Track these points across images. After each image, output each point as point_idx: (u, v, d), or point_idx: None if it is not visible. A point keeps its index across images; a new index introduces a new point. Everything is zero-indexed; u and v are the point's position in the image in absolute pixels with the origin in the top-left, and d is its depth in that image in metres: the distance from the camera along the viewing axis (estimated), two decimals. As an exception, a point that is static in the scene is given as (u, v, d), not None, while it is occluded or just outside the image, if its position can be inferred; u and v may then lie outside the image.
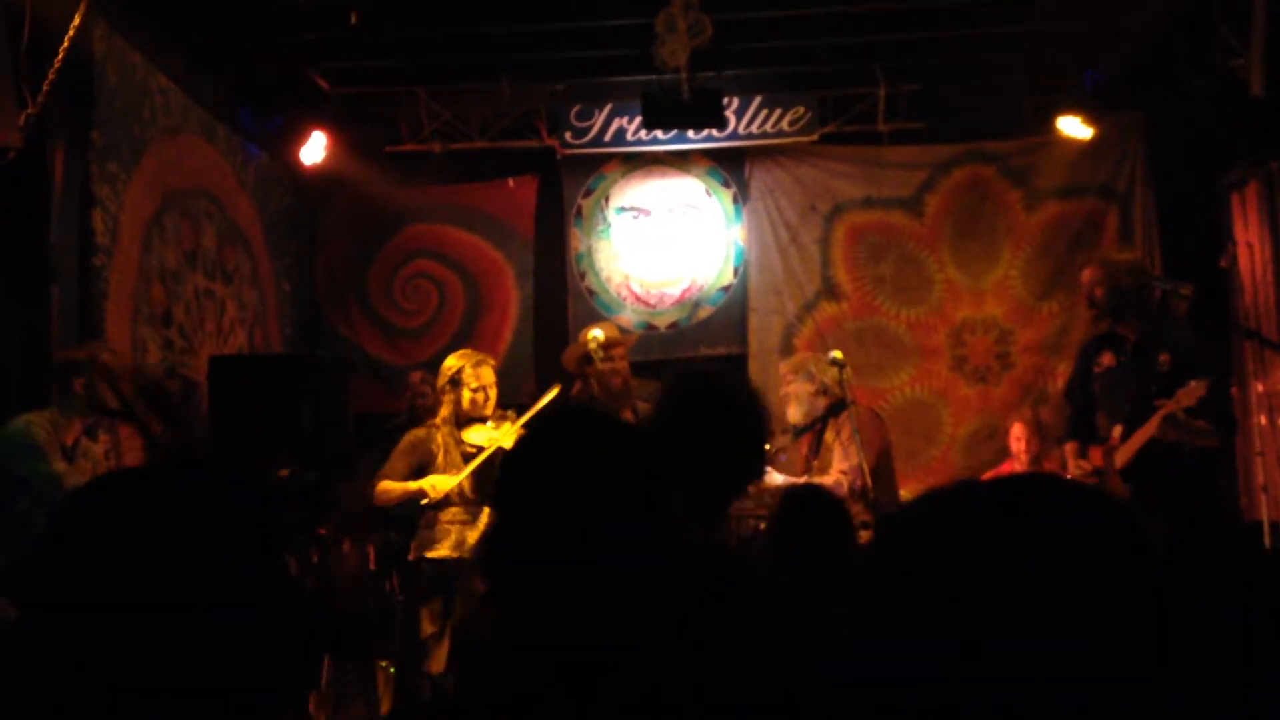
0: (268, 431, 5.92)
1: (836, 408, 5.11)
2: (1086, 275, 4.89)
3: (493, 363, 5.07)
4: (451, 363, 5.01)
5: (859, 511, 4.67)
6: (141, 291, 5.77)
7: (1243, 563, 1.50)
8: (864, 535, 4.22)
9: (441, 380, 5.02)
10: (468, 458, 4.80)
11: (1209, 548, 1.51)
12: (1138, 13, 6.40)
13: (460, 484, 4.76)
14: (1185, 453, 4.44)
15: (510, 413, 4.98)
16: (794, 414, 5.14)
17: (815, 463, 5.06)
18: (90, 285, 5.25)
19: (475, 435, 4.88)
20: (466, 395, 4.89)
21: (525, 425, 4.72)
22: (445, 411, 4.97)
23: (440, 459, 4.90)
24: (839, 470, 4.88)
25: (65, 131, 5.12)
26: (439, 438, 4.91)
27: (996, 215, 7.83)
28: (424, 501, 4.80)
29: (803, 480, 4.93)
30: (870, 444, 4.98)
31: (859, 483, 4.84)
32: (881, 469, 5.04)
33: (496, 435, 4.78)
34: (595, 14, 6.48)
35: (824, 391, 5.10)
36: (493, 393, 4.94)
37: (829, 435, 5.02)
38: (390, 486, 4.83)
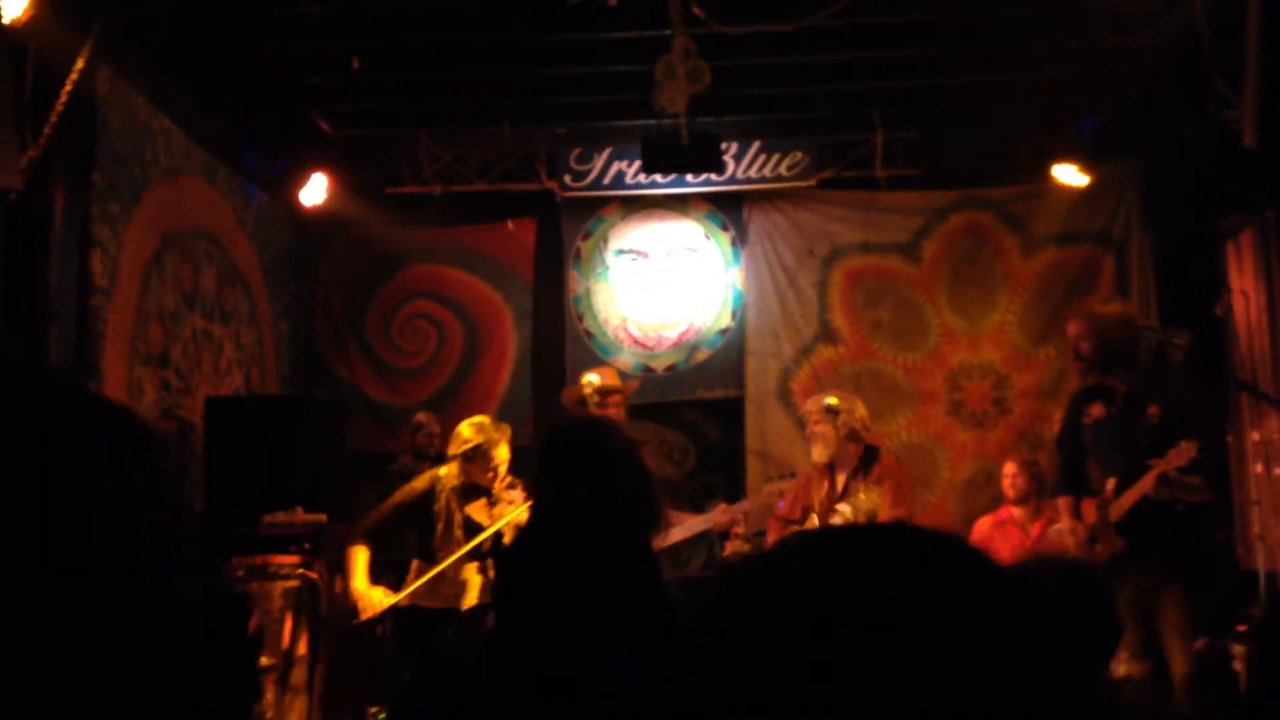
0: (264, 473, 5.91)
1: (873, 452, 5.12)
2: (1072, 329, 4.84)
3: (509, 434, 4.86)
4: (470, 434, 4.77)
5: None
6: (139, 332, 5.79)
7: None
8: None
9: (456, 447, 4.79)
10: (465, 528, 4.72)
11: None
12: (1133, 62, 6.46)
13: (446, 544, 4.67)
14: (1178, 509, 4.43)
15: (516, 488, 4.84)
16: (819, 454, 5.12)
17: (839, 505, 4.98)
18: (88, 325, 5.27)
19: (477, 511, 4.74)
20: (487, 473, 4.73)
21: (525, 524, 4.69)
22: (455, 480, 4.76)
23: (439, 528, 4.72)
24: (893, 517, 4.82)
25: (66, 173, 5.16)
26: (442, 503, 4.73)
27: (994, 261, 7.86)
28: (353, 621, 4.65)
29: (836, 521, 4.86)
30: (911, 490, 5.03)
31: None
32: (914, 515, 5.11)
33: (499, 515, 4.71)
34: (596, 60, 6.54)
35: (853, 437, 5.09)
36: (504, 469, 4.79)
37: (857, 478, 4.97)
38: (354, 564, 4.69)
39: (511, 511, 4.70)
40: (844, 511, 4.92)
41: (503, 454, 4.79)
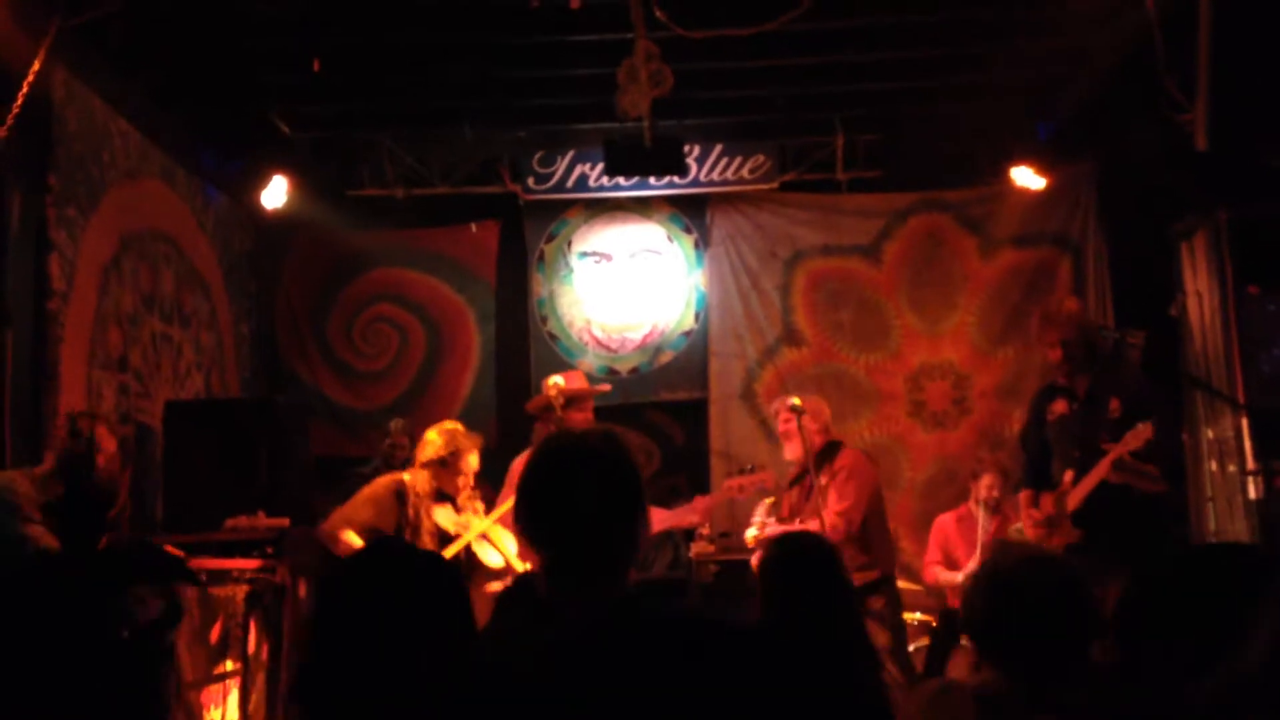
0: (225, 477, 5.87)
1: (833, 448, 5.11)
2: (1057, 332, 4.80)
3: (480, 443, 4.85)
4: (439, 440, 4.76)
5: (853, 555, 4.67)
6: (98, 336, 5.72)
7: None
8: (858, 578, 4.22)
9: (429, 453, 4.76)
10: (434, 536, 4.68)
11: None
12: (1088, 66, 6.56)
13: None
14: (1134, 497, 4.49)
15: (478, 499, 4.80)
16: (790, 452, 5.12)
17: (807, 507, 4.98)
18: (45, 329, 5.20)
19: (444, 518, 4.73)
20: (456, 480, 4.72)
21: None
22: (425, 486, 4.72)
23: (407, 535, 4.66)
24: (835, 511, 4.84)
25: (22, 176, 5.10)
26: (411, 510, 4.68)
27: (953, 263, 7.95)
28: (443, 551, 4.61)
29: (796, 526, 4.89)
30: (866, 485, 5.00)
31: (855, 526, 4.86)
32: (875, 510, 5.06)
33: (465, 525, 4.70)
34: (558, 63, 6.55)
35: (824, 430, 5.10)
36: (472, 478, 4.79)
37: (824, 478, 4.99)
38: (351, 544, 4.65)
39: (480, 523, 4.68)
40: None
41: (472, 463, 4.77)
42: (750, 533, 5.26)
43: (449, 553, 4.59)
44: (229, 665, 4.71)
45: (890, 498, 7.66)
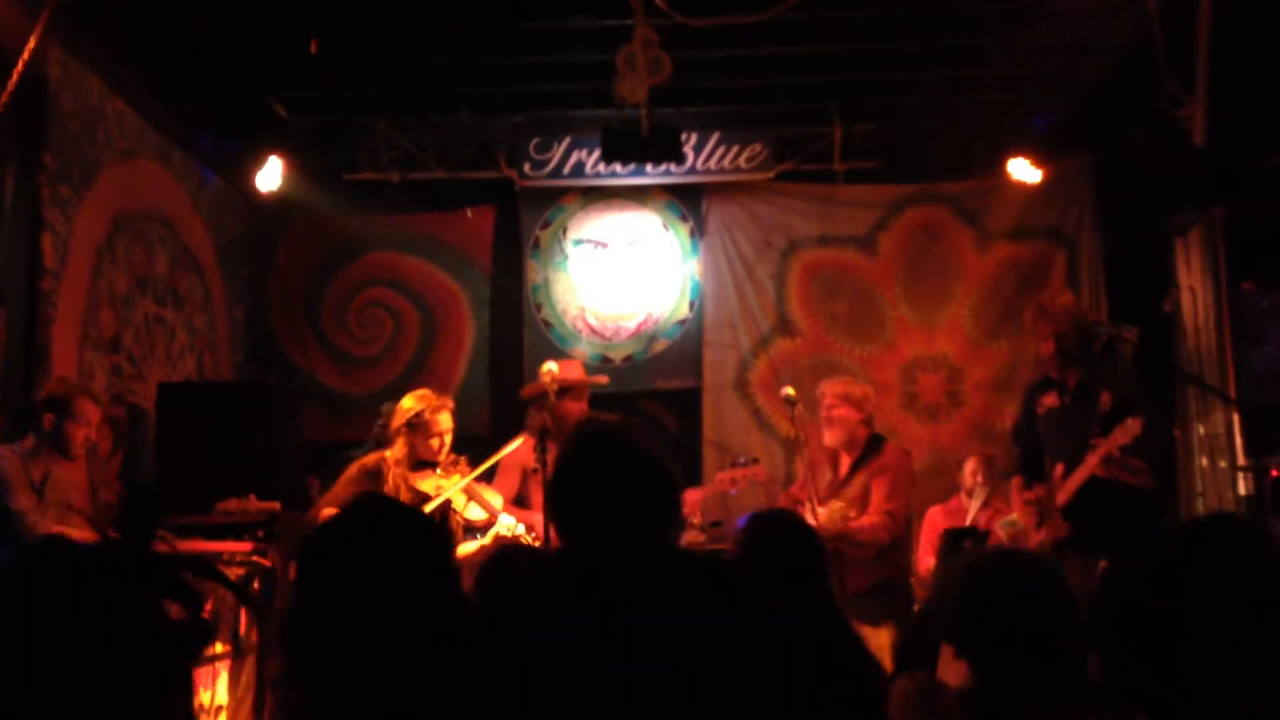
0: (217, 460, 5.86)
1: (878, 441, 5.02)
2: (1050, 326, 4.81)
3: (451, 405, 4.87)
4: (410, 404, 4.79)
5: (898, 558, 4.70)
6: (90, 316, 5.71)
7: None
8: (889, 572, 4.24)
9: (398, 420, 4.79)
10: (414, 501, 4.70)
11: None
12: (1087, 59, 6.55)
13: None
14: (1122, 491, 4.51)
15: (461, 460, 4.83)
16: (831, 439, 5.02)
17: (844, 491, 4.91)
18: (37, 309, 5.19)
19: (424, 483, 4.72)
20: (430, 442, 4.71)
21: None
22: (400, 453, 4.75)
23: None
24: (885, 510, 4.73)
25: (16, 154, 5.08)
26: (390, 478, 4.71)
27: (948, 255, 7.94)
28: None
29: (836, 507, 4.83)
30: (911, 485, 4.96)
31: (901, 528, 4.82)
32: (910, 509, 5.06)
33: (445, 485, 4.69)
34: (556, 49, 6.53)
35: (867, 422, 5.03)
36: (449, 439, 4.78)
37: (864, 473, 4.89)
38: None
39: (456, 481, 4.68)
40: (819, 514, 4.87)
41: (445, 422, 4.76)
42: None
43: (427, 508, 4.58)
44: (218, 648, 4.72)
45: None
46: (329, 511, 4.56)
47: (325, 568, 1.63)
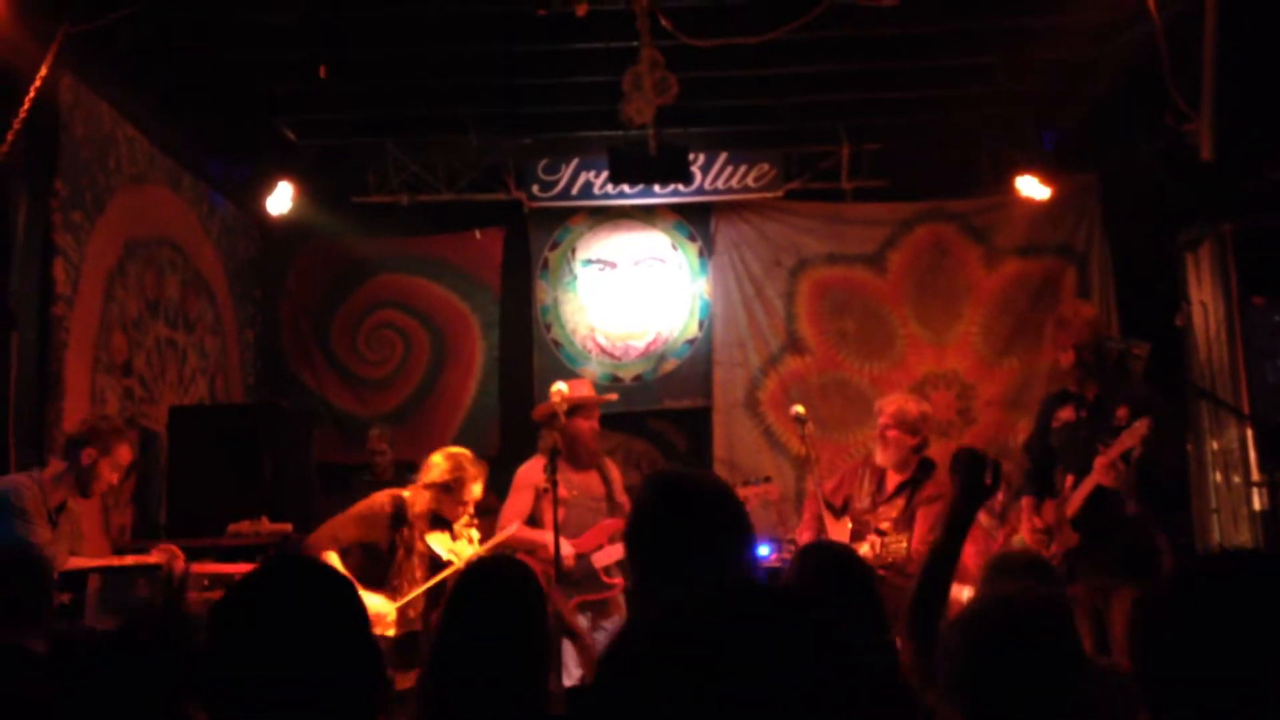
0: (228, 482, 5.88)
1: (928, 466, 4.90)
2: (1070, 337, 4.75)
3: (485, 471, 4.66)
4: (448, 465, 4.55)
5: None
6: (102, 340, 5.73)
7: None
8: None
9: (434, 475, 4.55)
10: (423, 560, 4.55)
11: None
12: (1093, 76, 6.56)
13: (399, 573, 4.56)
14: (1130, 509, 4.48)
15: (474, 528, 4.71)
16: (883, 459, 4.92)
17: (883, 509, 4.82)
18: (50, 334, 5.22)
19: (438, 544, 4.57)
20: (458, 507, 4.56)
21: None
22: (423, 507, 4.53)
23: (400, 555, 4.53)
24: (926, 541, 4.58)
25: (29, 181, 5.11)
26: (406, 531, 4.53)
27: (957, 272, 7.94)
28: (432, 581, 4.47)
29: (887, 534, 4.72)
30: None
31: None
32: None
33: (458, 551, 4.54)
34: (563, 71, 6.56)
35: (920, 447, 4.90)
36: (473, 507, 4.63)
37: (914, 497, 4.79)
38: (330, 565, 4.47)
39: (466, 546, 4.58)
40: (871, 545, 4.76)
41: (475, 491, 4.59)
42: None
43: (434, 581, 4.49)
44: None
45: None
46: (328, 559, 4.41)
47: (238, 628, 1.67)
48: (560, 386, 5.10)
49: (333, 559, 4.42)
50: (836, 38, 6.05)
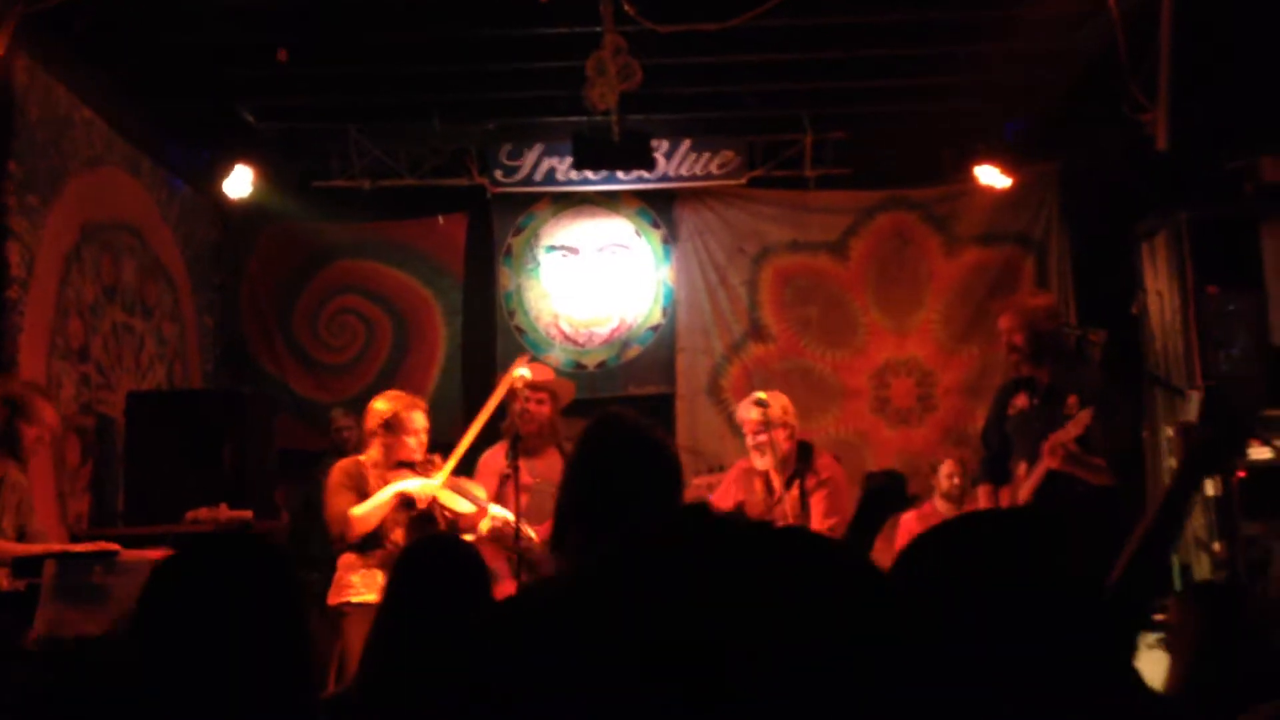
0: (187, 469, 5.83)
1: (806, 451, 4.94)
2: (1005, 321, 4.92)
3: (424, 405, 4.82)
4: (384, 405, 4.71)
5: None
6: (58, 325, 5.66)
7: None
8: None
9: (373, 422, 4.69)
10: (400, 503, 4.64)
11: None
12: (1053, 67, 6.63)
13: (390, 530, 4.58)
14: (1079, 489, 4.53)
15: (435, 456, 4.82)
16: (764, 464, 4.89)
17: (776, 509, 4.79)
18: (5, 319, 5.15)
19: (408, 483, 4.62)
20: (407, 441, 4.64)
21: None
22: (376, 454, 4.66)
23: None
24: (827, 525, 4.61)
25: (-18, 163, 5.03)
26: (370, 479, 4.62)
27: (918, 260, 8.01)
28: (412, 513, 4.54)
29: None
30: (847, 496, 4.81)
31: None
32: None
33: (428, 482, 4.66)
34: (527, 56, 6.53)
35: (792, 435, 4.92)
36: (425, 437, 4.73)
37: (802, 484, 4.80)
38: (367, 509, 4.47)
39: (439, 475, 4.64)
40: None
41: (420, 420, 4.71)
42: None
43: (414, 512, 4.54)
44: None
45: (853, 494, 7.71)
46: (360, 511, 4.47)
47: (163, 602, 1.68)
48: (523, 371, 5.07)
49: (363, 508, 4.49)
50: (800, 26, 6.07)
